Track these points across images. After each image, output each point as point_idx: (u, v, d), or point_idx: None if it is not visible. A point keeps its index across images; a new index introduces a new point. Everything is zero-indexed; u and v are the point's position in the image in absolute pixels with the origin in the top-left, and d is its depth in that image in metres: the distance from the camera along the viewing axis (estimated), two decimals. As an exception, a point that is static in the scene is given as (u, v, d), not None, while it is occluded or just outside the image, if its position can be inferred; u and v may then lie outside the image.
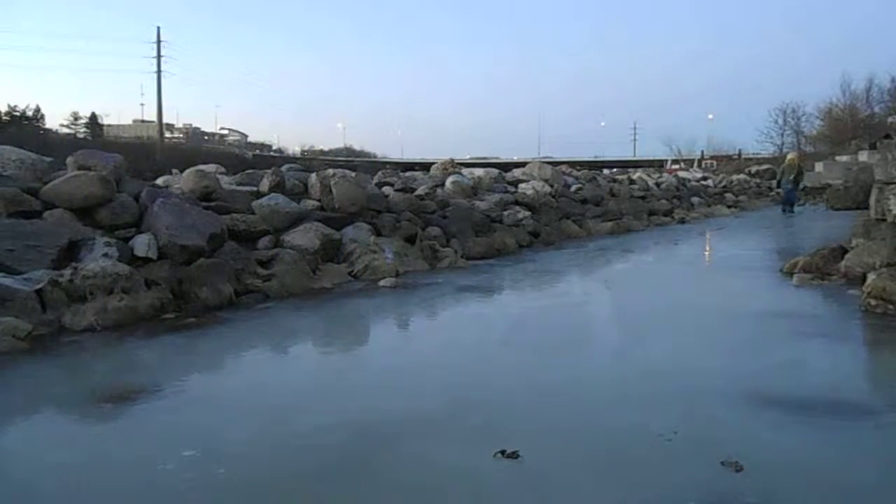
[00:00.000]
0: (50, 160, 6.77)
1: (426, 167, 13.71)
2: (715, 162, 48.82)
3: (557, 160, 42.94)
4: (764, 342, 4.40)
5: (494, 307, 6.02)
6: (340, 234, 7.60)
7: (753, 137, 67.52)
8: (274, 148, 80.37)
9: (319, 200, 8.15)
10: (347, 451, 2.61)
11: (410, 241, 8.29)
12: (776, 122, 54.50)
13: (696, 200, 19.85)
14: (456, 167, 13.21)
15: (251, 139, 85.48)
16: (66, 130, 54.12)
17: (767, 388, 3.34)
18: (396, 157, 76.32)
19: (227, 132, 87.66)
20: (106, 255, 5.30)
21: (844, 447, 2.61)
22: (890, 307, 4.93)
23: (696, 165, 46.06)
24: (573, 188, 14.20)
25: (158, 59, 51.60)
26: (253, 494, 2.27)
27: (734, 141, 58.81)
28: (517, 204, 11.53)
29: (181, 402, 3.30)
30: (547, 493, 2.24)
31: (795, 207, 18.15)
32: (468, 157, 60.39)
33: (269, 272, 6.21)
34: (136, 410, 3.16)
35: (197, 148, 53.83)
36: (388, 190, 9.97)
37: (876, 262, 5.67)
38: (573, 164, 28.95)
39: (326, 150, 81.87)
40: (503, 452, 2.51)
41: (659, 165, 47.76)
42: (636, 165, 48.48)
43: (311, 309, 5.74)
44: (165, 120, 55.71)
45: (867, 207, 6.58)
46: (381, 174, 11.95)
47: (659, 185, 19.54)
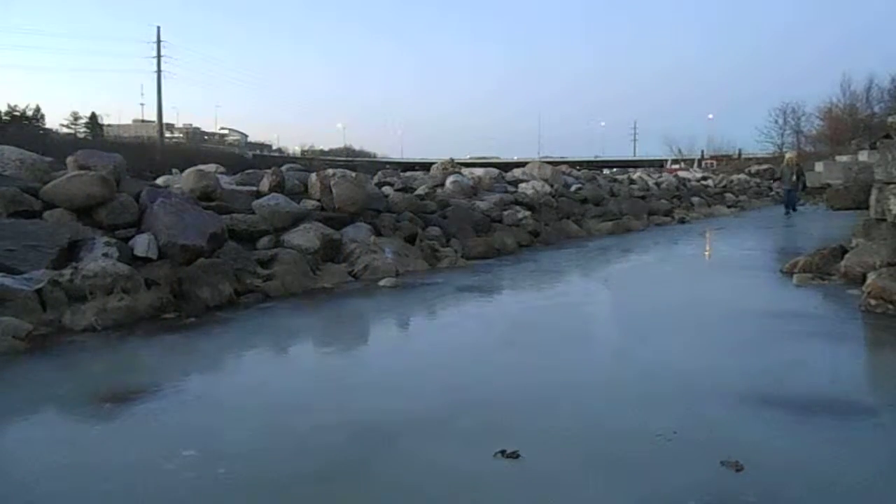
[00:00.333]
0: (50, 160, 6.78)
1: (426, 167, 13.70)
2: (715, 162, 48.82)
3: (557, 160, 42.94)
4: (764, 342, 4.40)
5: (494, 307, 6.02)
6: (340, 233, 7.60)
7: (753, 137, 67.53)
8: (274, 148, 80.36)
9: (319, 200, 8.15)
10: (347, 451, 2.61)
11: (410, 240, 8.28)
12: (776, 121, 54.62)
13: (696, 200, 19.84)
14: (456, 167, 13.20)
15: (251, 139, 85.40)
16: (66, 130, 54.10)
17: (767, 387, 3.34)
18: (396, 156, 76.32)
19: (227, 132, 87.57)
20: (106, 254, 5.30)
21: (844, 446, 2.61)
22: (890, 307, 4.93)
23: (696, 165, 46.07)
24: (573, 188, 14.19)
25: (158, 59, 51.59)
26: (253, 494, 2.27)
27: (734, 141, 58.86)
28: (517, 204, 11.53)
29: (181, 401, 3.30)
30: (547, 492, 2.24)
31: (798, 207, 17.97)
32: (468, 156, 60.37)
33: (269, 272, 6.21)
34: (136, 410, 3.16)
35: (197, 148, 53.80)
36: (388, 190, 9.97)
37: (876, 261, 5.67)
38: (573, 163, 28.97)
39: (326, 149, 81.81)
40: (503, 452, 2.51)
41: (659, 165, 47.80)
42: (636, 165, 48.51)
43: (311, 309, 5.74)
44: (165, 120, 55.77)
45: (867, 207, 6.58)
46: (381, 174, 11.95)
47: (659, 184, 19.53)
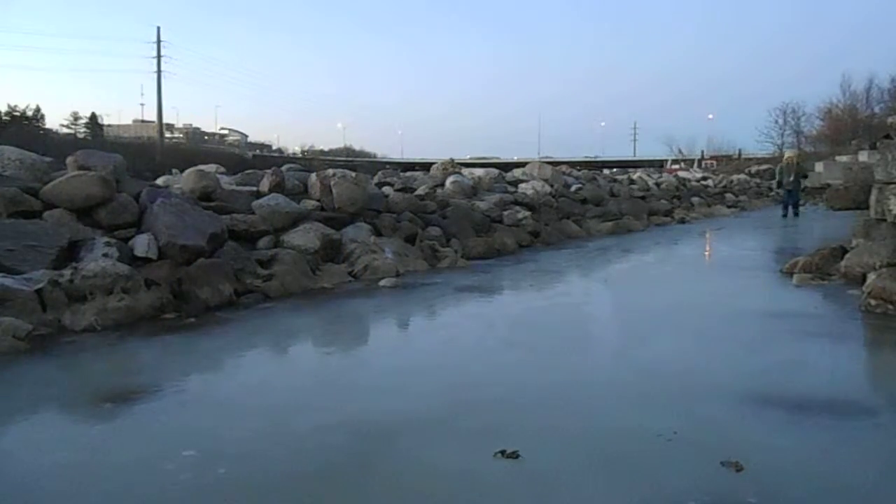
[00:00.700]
0: (50, 160, 6.78)
1: (426, 167, 13.70)
2: (715, 162, 48.84)
3: (557, 160, 42.92)
4: (764, 342, 4.40)
5: (494, 307, 6.02)
6: (340, 234, 7.60)
7: (753, 137, 67.58)
8: (274, 148, 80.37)
9: (319, 200, 8.15)
10: (347, 451, 2.61)
11: (410, 241, 8.29)
12: (776, 122, 54.71)
13: (696, 200, 19.85)
14: (456, 167, 13.20)
15: (251, 139, 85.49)
16: (66, 131, 54.10)
17: (768, 387, 3.34)
18: (396, 156, 76.35)
19: (227, 132, 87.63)
20: (106, 255, 5.30)
21: (844, 447, 2.61)
22: (890, 307, 4.93)
23: (696, 165, 46.08)
24: (573, 188, 14.19)
25: (158, 59, 51.62)
26: (253, 495, 2.27)
27: (734, 141, 58.95)
28: (517, 204, 11.53)
29: (181, 402, 3.30)
30: (546, 492, 2.24)
31: (798, 210, 16.84)
32: (468, 157, 60.36)
33: (269, 272, 6.21)
34: (136, 410, 3.16)
35: (197, 148, 53.79)
36: (388, 190, 9.98)
37: (876, 262, 5.67)
38: (573, 164, 28.95)
39: (326, 150, 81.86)
40: (503, 452, 2.51)
41: (659, 165, 47.79)
42: (636, 165, 48.49)
43: (311, 309, 5.74)
44: (165, 120, 55.78)
45: (867, 207, 6.58)
46: (381, 174, 11.95)
47: (659, 185, 19.54)
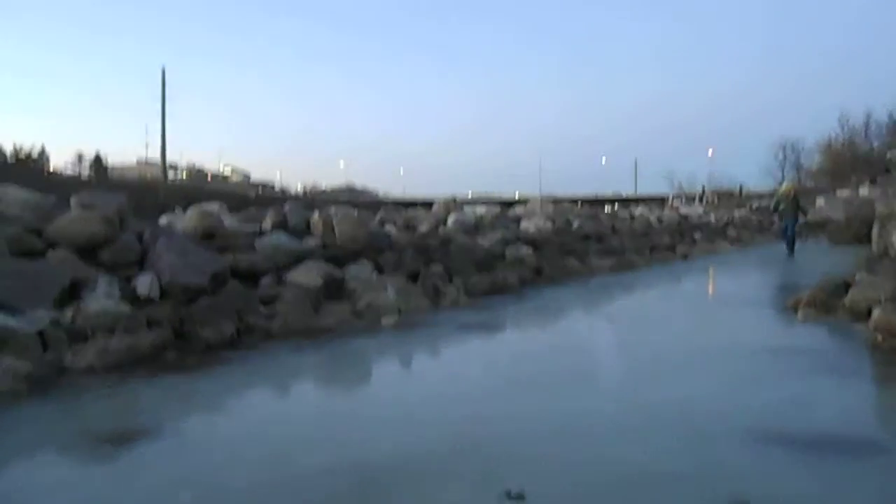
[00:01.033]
0: (54, 200, 6.82)
1: (428, 205, 13.78)
2: (716, 197, 49.01)
3: (559, 197, 43.14)
4: (770, 378, 4.36)
5: (498, 346, 5.98)
6: (343, 272, 7.60)
7: (754, 173, 67.93)
8: (276, 186, 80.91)
9: (322, 238, 8.17)
10: (350, 493, 2.57)
11: (413, 278, 8.28)
12: (776, 157, 55.15)
13: (698, 236, 19.87)
14: (458, 205, 13.27)
15: (253, 178, 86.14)
16: (70, 171, 54.58)
17: (775, 425, 3.30)
18: (398, 194, 76.78)
19: (229, 171, 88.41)
20: (108, 294, 5.29)
21: (854, 485, 2.56)
22: (896, 342, 4.89)
23: (697, 201, 46.22)
24: (575, 225, 14.23)
25: (164, 99, 52.23)
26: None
27: (735, 176, 59.17)
28: (519, 241, 11.54)
29: (182, 444, 3.26)
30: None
31: (796, 244, 16.25)
32: (469, 194, 60.73)
33: (271, 311, 6.19)
34: (136, 453, 3.12)
35: (200, 187, 54.12)
36: (390, 228, 10.01)
37: (880, 296, 5.64)
38: (574, 200, 29.10)
39: (328, 188, 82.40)
40: (508, 494, 2.46)
41: (661, 202, 47.95)
42: (637, 201, 48.66)
43: (313, 348, 5.71)
44: (169, 159, 56.27)
45: (869, 242, 6.59)
46: (382, 212, 12.02)
47: (661, 220, 19.59)
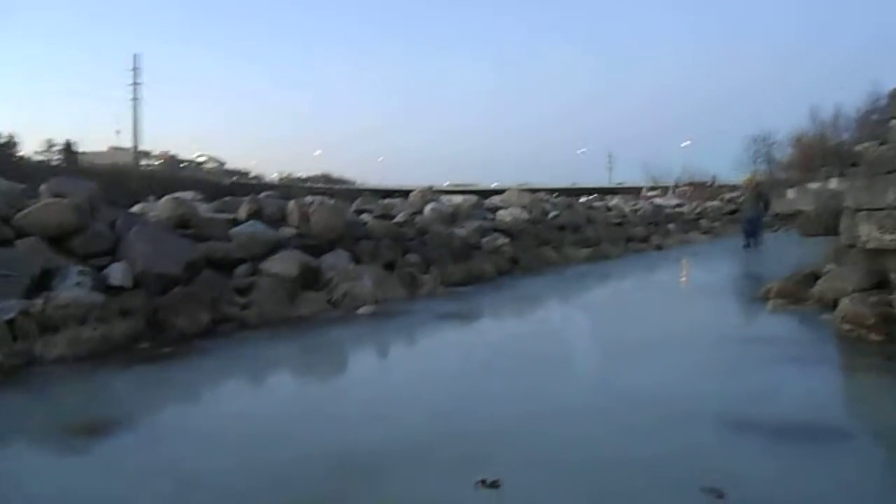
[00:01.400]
0: (23, 187, 6.69)
1: (405, 194, 13.74)
2: (690, 189, 49.51)
3: (535, 187, 43.19)
4: (741, 368, 4.44)
5: (474, 335, 6.01)
6: (319, 261, 7.57)
7: (727, 165, 68.74)
8: (252, 175, 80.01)
9: (298, 228, 8.12)
10: (326, 482, 2.58)
11: (389, 268, 8.27)
12: (748, 149, 55.89)
13: (671, 227, 20.08)
14: (434, 194, 13.26)
15: (229, 166, 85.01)
16: (40, 158, 53.40)
17: (746, 413, 3.36)
18: (375, 183, 76.35)
19: (204, 159, 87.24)
20: (79, 284, 5.22)
21: (822, 471, 2.63)
22: (862, 331, 5.00)
23: (671, 192, 46.68)
24: (551, 215, 14.30)
25: (135, 86, 51.39)
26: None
27: (709, 168, 59.84)
28: (496, 231, 11.58)
29: (156, 434, 3.24)
30: (528, 522, 2.22)
31: (763, 235, 15.35)
32: (447, 184, 60.59)
33: (246, 300, 6.16)
34: (109, 443, 3.10)
35: (174, 175, 53.29)
36: (366, 217, 9.97)
37: (848, 287, 5.76)
38: (551, 190, 29.18)
39: (305, 176, 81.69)
40: (483, 482, 2.48)
41: (636, 192, 48.34)
42: (613, 192, 48.99)
43: (288, 337, 5.68)
44: (142, 147, 55.47)
45: (837, 233, 6.71)
46: (359, 201, 11.96)
47: (636, 211, 19.76)
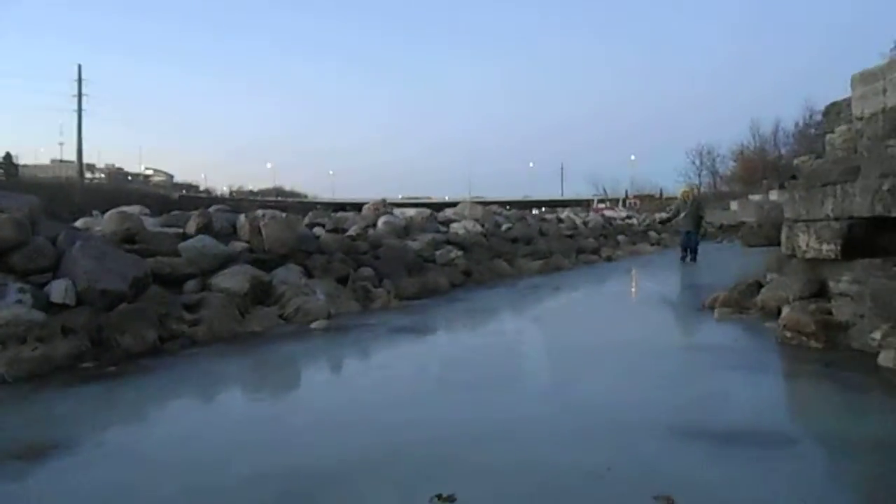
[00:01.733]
0: (-42, 202, 6.42)
1: (358, 208, 13.68)
2: (638, 201, 50.60)
3: (488, 200, 43.59)
4: (689, 376, 4.55)
5: (428, 347, 6.00)
6: (271, 275, 7.46)
7: (673, 178, 70.47)
8: (201, 188, 78.61)
9: (249, 242, 8.00)
10: (279, 500, 2.53)
11: (342, 282, 8.21)
12: (693, 162, 57.70)
13: (621, 238, 20.47)
14: (388, 207, 13.23)
15: (177, 179, 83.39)
16: (-24, 171, 51.38)
17: (694, 421, 3.44)
18: (328, 197, 75.88)
19: (151, 172, 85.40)
20: (19, 301, 5.03)
21: (769, 475, 2.70)
22: (803, 339, 5.18)
23: (620, 205, 47.60)
24: (504, 227, 14.42)
25: (80, 97, 50.21)
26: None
27: (656, 181, 61.42)
28: (449, 243, 11.61)
29: (99, 457, 3.13)
30: (483, 535, 2.23)
31: (698, 252, 14.98)
32: (400, 197, 60.66)
33: (195, 316, 6.02)
34: (50, 467, 2.98)
35: (119, 188, 51.92)
36: (319, 231, 9.89)
37: (789, 295, 5.96)
38: (503, 203, 29.47)
39: (256, 190, 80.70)
40: (439, 497, 2.48)
41: (586, 204, 49.18)
42: (564, 204, 49.77)
43: (239, 354, 5.58)
44: (86, 160, 54.01)
45: (779, 244, 6.94)
46: (311, 215, 11.85)
47: (586, 223, 20.08)
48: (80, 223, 8.18)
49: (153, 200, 32.34)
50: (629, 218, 26.91)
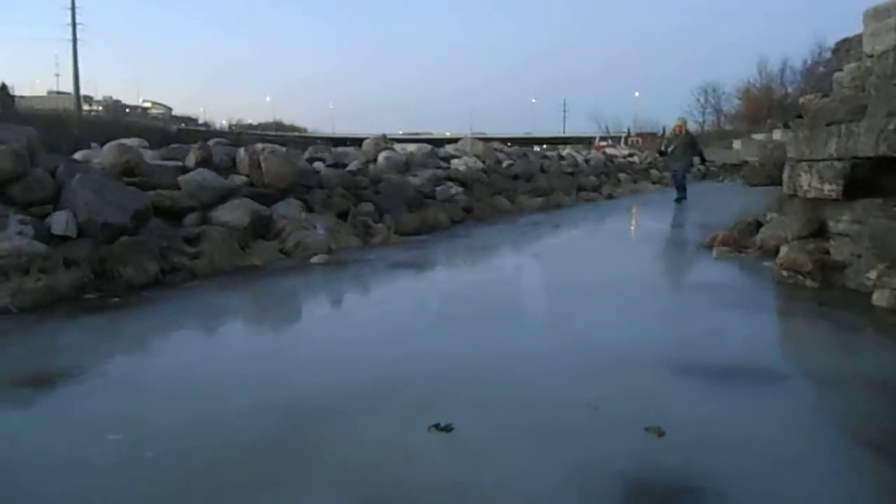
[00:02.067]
0: (-45, 133, 6.36)
1: (358, 143, 13.54)
2: (640, 139, 50.11)
3: (489, 136, 43.15)
4: (686, 313, 4.61)
5: (428, 283, 6.06)
6: (271, 210, 7.46)
7: (676, 115, 69.61)
8: (200, 121, 77.64)
9: (248, 176, 7.96)
10: (280, 429, 2.60)
11: (343, 217, 8.22)
12: (698, 100, 56.79)
13: (623, 177, 20.37)
14: (388, 143, 13.10)
15: (176, 112, 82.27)
16: (-29, 101, 50.59)
17: (689, 357, 3.50)
18: (328, 132, 74.98)
19: (150, 105, 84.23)
20: (20, 233, 5.05)
21: (758, 409, 2.77)
22: (800, 278, 5.22)
23: (622, 143, 47.12)
24: (505, 164, 14.33)
25: (74, 25, 49.10)
26: (183, 477, 2.24)
27: (659, 118, 60.63)
28: (450, 180, 11.56)
29: (105, 385, 3.20)
30: (479, 464, 2.30)
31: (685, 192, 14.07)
32: (400, 132, 59.99)
33: (196, 250, 6.06)
34: (56, 395, 3.06)
35: (118, 121, 51.25)
36: (319, 165, 9.83)
37: (788, 235, 5.97)
38: (505, 140, 29.17)
39: (255, 124, 79.71)
40: (437, 426, 2.55)
41: (588, 142, 48.72)
42: (566, 142, 49.30)
43: (240, 287, 5.64)
44: (84, 91, 53.23)
45: (781, 183, 6.91)
46: (311, 149, 11.74)
47: (588, 161, 19.94)
48: (78, 155, 8.12)
49: (152, 133, 32.06)
50: (631, 156, 26.70)
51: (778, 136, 23.75)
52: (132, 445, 2.44)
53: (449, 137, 38.46)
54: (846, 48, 6.81)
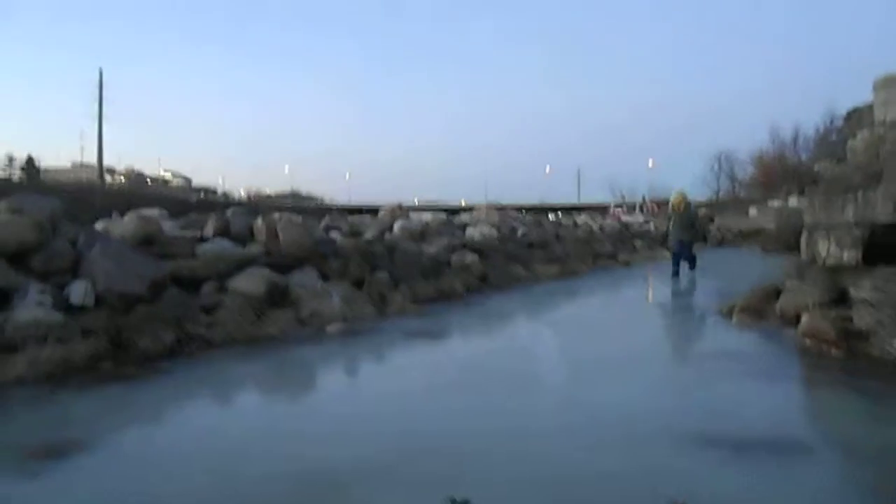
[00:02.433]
0: (-19, 205, 6.52)
1: (374, 212, 13.75)
2: (656, 206, 50.31)
3: (504, 204, 43.54)
4: (708, 383, 4.51)
5: (443, 353, 6.00)
6: (287, 279, 7.49)
7: (691, 183, 70.06)
8: (219, 191, 79.15)
9: (265, 245, 8.04)
10: (292, 501, 2.54)
11: (358, 285, 8.22)
12: (712, 168, 57.34)
13: (639, 244, 20.36)
14: (404, 212, 13.27)
15: (195, 182, 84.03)
16: (0, 174, 52.14)
17: (713, 428, 3.41)
18: (343, 201, 76.11)
19: (170, 176, 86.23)
20: (40, 303, 5.09)
21: (783, 482, 2.67)
22: (823, 346, 5.12)
23: (638, 210, 47.35)
24: (520, 232, 14.39)
25: (101, 101, 50.64)
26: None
27: (674, 186, 60.96)
28: (465, 248, 11.60)
29: (117, 457, 3.16)
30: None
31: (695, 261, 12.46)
32: (416, 201, 60.73)
33: (212, 319, 6.06)
34: (68, 467, 3.01)
35: (139, 191, 52.44)
36: (335, 234, 9.92)
37: (809, 302, 5.89)
38: (519, 208, 29.43)
39: (273, 193, 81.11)
40: (454, 501, 2.47)
41: (603, 209, 48.97)
42: (581, 209, 49.53)
43: (256, 357, 5.61)
44: (106, 163, 54.64)
45: (798, 250, 6.87)
46: (327, 218, 11.91)
47: (602, 228, 20.00)
48: (99, 225, 8.27)
49: (171, 203, 32.62)
50: (647, 223, 26.77)
51: (794, 202, 23.76)
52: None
53: (464, 206, 38.87)
54: (858, 116, 6.88)
